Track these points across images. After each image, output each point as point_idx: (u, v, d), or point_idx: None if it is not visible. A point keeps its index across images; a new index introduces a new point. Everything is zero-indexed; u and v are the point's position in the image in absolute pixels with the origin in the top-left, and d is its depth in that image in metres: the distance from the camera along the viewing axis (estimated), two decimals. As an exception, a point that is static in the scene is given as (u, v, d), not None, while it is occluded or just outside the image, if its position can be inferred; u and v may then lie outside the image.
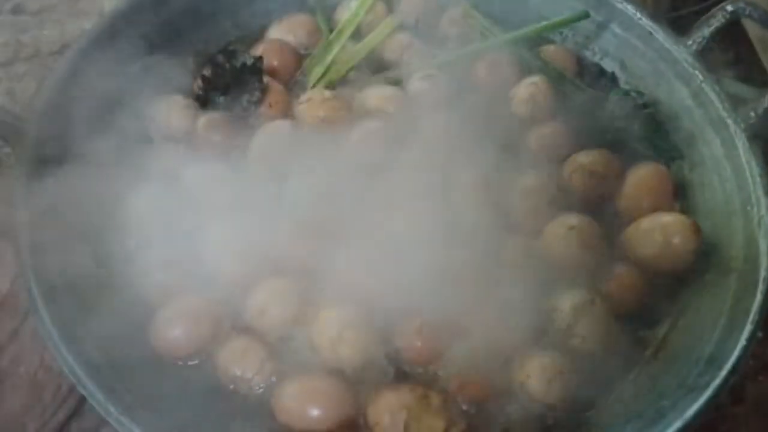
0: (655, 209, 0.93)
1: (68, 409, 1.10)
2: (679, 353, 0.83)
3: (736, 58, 1.54)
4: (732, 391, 1.55)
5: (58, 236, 0.81)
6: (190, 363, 0.81)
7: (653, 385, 0.80)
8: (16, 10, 1.69)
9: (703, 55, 1.01)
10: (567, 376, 0.79)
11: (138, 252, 0.85)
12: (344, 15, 1.11)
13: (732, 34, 1.50)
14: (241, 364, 0.79)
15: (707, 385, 0.73)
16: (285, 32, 1.09)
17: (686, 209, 0.96)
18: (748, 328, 0.77)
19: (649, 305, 0.88)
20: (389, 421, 0.75)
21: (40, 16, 1.69)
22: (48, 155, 0.86)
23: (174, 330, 0.80)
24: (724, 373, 0.74)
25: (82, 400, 1.07)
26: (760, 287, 0.80)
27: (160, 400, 0.74)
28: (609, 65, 1.11)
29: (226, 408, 0.78)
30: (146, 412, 0.70)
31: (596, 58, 1.13)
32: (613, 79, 1.09)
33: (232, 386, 0.80)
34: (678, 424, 0.70)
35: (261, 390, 0.79)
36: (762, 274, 0.81)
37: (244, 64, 0.97)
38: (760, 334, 1.58)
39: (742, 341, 0.76)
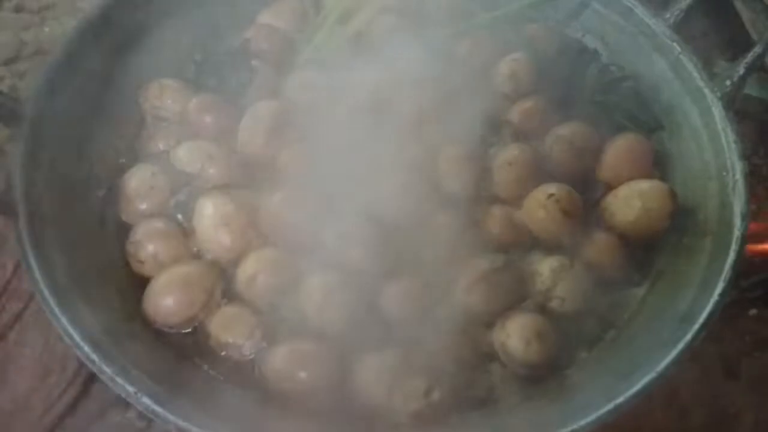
0: (634, 178, 0.95)
1: (75, 392, 1.14)
2: (655, 313, 0.85)
3: (731, 41, 1.56)
4: (727, 367, 1.58)
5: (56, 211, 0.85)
6: (183, 331, 0.85)
7: (630, 344, 0.83)
8: (18, 9, 1.72)
9: (681, 27, 1.03)
10: (546, 336, 0.82)
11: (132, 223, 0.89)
12: (331, -1, 1.13)
13: (725, 17, 1.52)
14: (232, 331, 0.83)
15: (679, 339, 0.76)
16: (274, 17, 1.12)
17: (665, 177, 0.98)
18: (720, 286, 0.79)
19: (628, 269, 0.91)
20: (374, 381, 0.79)
21: (41, 14, 1.72)
22: (45, 137, 0.89)
23: (166, 299, 0.83)
24: (696, 327, 0.76)
25: (88, 382, 1.11)
26: (733, 247, 0.82)
27: (154, 365, 0.77)
28: (591, 42, 1.14)
29: (218, 373, 0.82)
30: (141, 374, 0.73)
31: (578, 35, 1.15)
32: (594, 54, 1.12)
33: (223, 352, 0.83)
34: (651, 376, 0.73)
35: (252, 355, 0.82)
36: (735, 234, 0.83)
37: (232, 47, 1.00)
38: (755, 311, 1.60)
39: (715, 297, 0.78)
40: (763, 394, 1.58)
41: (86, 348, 0.71)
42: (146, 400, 0.69)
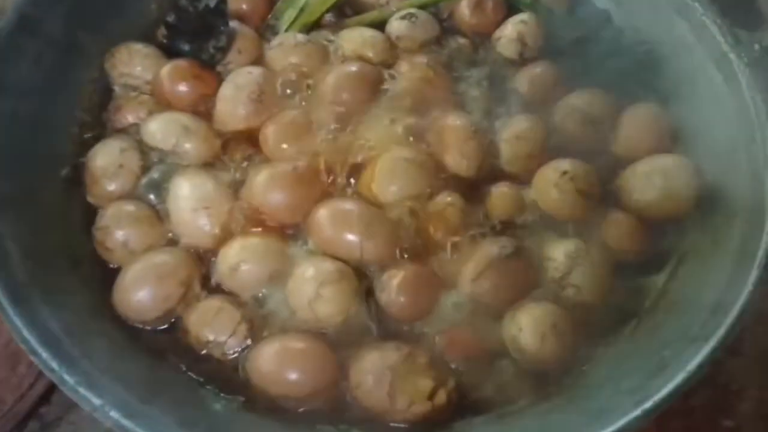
0: (653, 152, 0.88)
1: (47, 380, 1.07)
2: (681, 302, 0.78)
3: (734, 3, 1.48)
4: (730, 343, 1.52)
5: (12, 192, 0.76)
6: (158, 328, 0.77)
7: (654, 337, 0.75)
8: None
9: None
10: (561, 329, 0.75)
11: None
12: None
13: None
14: (213, 327, 0.75)
15: (712, 333, 0.68)
16: (254, -26, 1.02)
17: (687, 151, 0.90)
18: (755, 273, 0.71)
19: (648, 253, 0.84)
20: (373, 383, 0.71)
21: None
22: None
23: (138, 292, 0.75)
24: (730, 320, 0.69)
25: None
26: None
27: (125, 368, 0.69)
28: (602, 2, 1.05)
29: (197, 374, 0.74)
30: (108, 382, 0.65)
31: (589, -5, 1.06)
32: (607, 16, 1.03)
33: (204, 351, 0.75)
34: (681, 376, 0.65)
35: (235, 354, 0.75)
36: (769, 213, 0.76)
37: (207, 6, 0.91)
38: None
39: (749, 286, 0.71)
40: (766, 370, 1.54)
41: (44, 354, 0.63)
42: (114, 414, 0.61)
